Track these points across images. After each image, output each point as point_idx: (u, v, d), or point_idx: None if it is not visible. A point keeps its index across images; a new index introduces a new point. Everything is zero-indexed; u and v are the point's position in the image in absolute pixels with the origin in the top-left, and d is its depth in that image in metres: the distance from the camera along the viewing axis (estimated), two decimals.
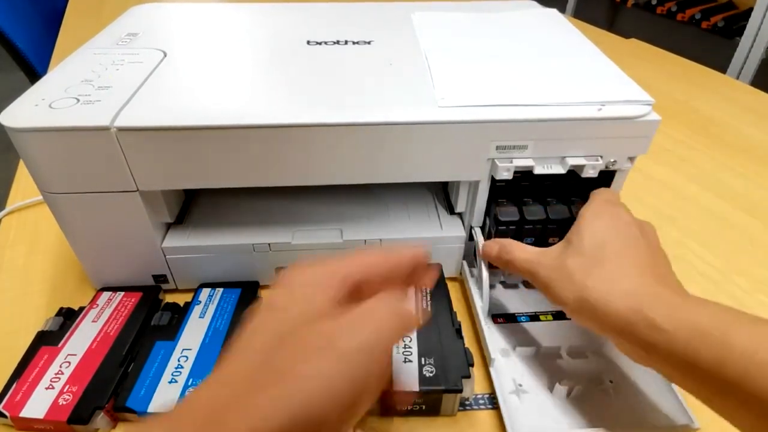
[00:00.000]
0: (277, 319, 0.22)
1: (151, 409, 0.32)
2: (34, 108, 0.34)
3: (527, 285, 0.43)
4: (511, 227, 0.38)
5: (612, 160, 0.37)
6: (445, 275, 0.42)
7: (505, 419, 0.32)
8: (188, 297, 0.41)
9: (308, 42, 0.45)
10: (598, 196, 0.36)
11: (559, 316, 0.40)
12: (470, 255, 0.43)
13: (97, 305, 0.40)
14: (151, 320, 0.39)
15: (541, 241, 0.39)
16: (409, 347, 0.35)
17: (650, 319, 0.26)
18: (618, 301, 0.28)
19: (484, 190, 0.39)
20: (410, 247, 0.26)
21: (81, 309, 0.40)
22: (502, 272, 0.42)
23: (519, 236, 0.39)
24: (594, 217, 0.33)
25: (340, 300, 0.22)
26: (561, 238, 0.37)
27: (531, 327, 0.39)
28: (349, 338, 0.20)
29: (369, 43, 0.45)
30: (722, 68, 1.41)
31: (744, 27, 1.50)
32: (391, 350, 0.23)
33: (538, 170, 0.37)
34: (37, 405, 0.32)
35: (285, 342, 0.20)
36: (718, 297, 0.44)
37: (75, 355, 0.36)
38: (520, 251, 0.35)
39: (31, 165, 0.35)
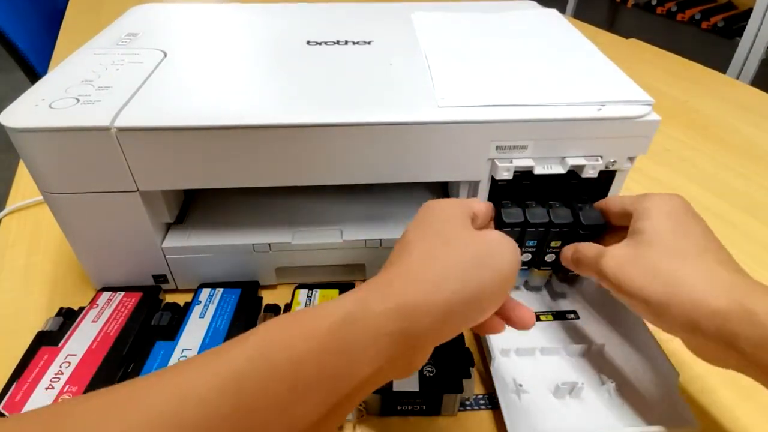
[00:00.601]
0: (438, 222, 0.28)
1: None
2: (34, 108, 0.34)
3: (528, 286, 0.43)
4: (515, 229, 0.38)
5: (612, 160, 0.37)
6: None
7: (505, 419, 0.32)
8: (188, 297, 0.41)
9: (308, 42, 0.45)
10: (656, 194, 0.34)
11: (559, 316, 0.40)
12: None
13: (97, 305, 0.40)
14: (151, 320, 0.39)
15: (542, 245, 0.39)
16: None
17: (751, 312, 0.25)
18: (714, 295, 0.26)
19: (484, 190, 0.39)
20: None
21: (81, 309, 0.40)
22: None
23: (522, 238, 0.39)
24: (666, 212, 0.31)
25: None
26: (563, 241, 0.37)
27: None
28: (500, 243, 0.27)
29: (369, 43, 0.45)
30: (722, 68, 1.41)
31: (744, 27, 1.50)
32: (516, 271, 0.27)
33: (538, 170, 0.37)
34: (37, 405, 0.32)
35: (448, 241, 0.26)
36: None
37: (75, 355, 0.36)
38: (588, 246, 0.34)
39: (31, 165, 0.35)
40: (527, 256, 0.40)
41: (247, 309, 0.40)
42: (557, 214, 0.37)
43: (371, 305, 0.23)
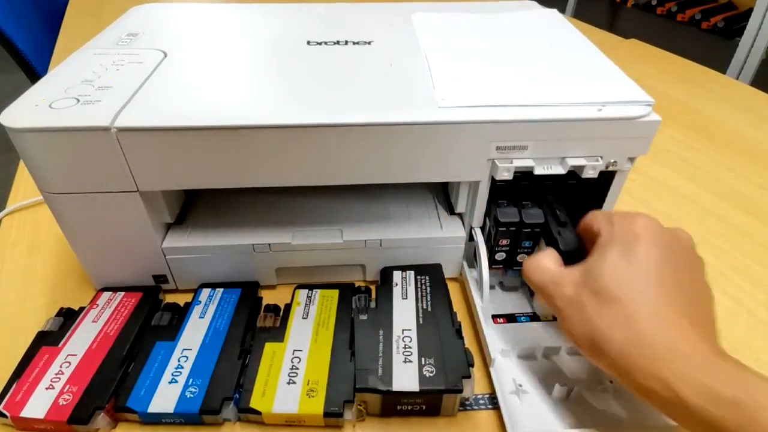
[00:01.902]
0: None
1: (151, 409, 0.32)
2: (34, 108, 0.34)
3: (527, 287, 0.43)
4: (510, 228, 0.38)
5: (612, 160, 0.37)
6: (445, 275, 0.42)
7: (505, 419, 0.32)
8: (188, 297, 0.41)
9: (308, 42, 0.45)
10: (625, 218, 0.31)
11: None
12: (470, 255, 0.44)
13: (98, 305, 0.40)
14: (151, 320, 0.39)
15: (539, 245, 0.39)
16: (409, 347, 0.35)
17: (671, 388, 0.25)
18: (635, 355, 0.26)
19: (484, 190, 0.39)
20: None
21: (81, 309, 0.40)
22: (502, 273, 0.42)
23: (518, 238, 0.39)
24: (618, 249, 0.29)
25: None
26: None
27: (531, 327, 0.39)
28: None
29: (369, 43, 0.45)
30: (722, 68, 1.41)
31: (744, 27, 1.50)
32: None
33: (538, 171, 0.37)
34: (38, 405, 0.32)
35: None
36: (717, 297, 0.44)
37: (75, 355, 0.36)
38: (539, 273, 0.32)
39: (31, 165, 0.35)
40: (524, 257, 0.40)
41: (247, 309, 0.40)
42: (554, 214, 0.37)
43: None
